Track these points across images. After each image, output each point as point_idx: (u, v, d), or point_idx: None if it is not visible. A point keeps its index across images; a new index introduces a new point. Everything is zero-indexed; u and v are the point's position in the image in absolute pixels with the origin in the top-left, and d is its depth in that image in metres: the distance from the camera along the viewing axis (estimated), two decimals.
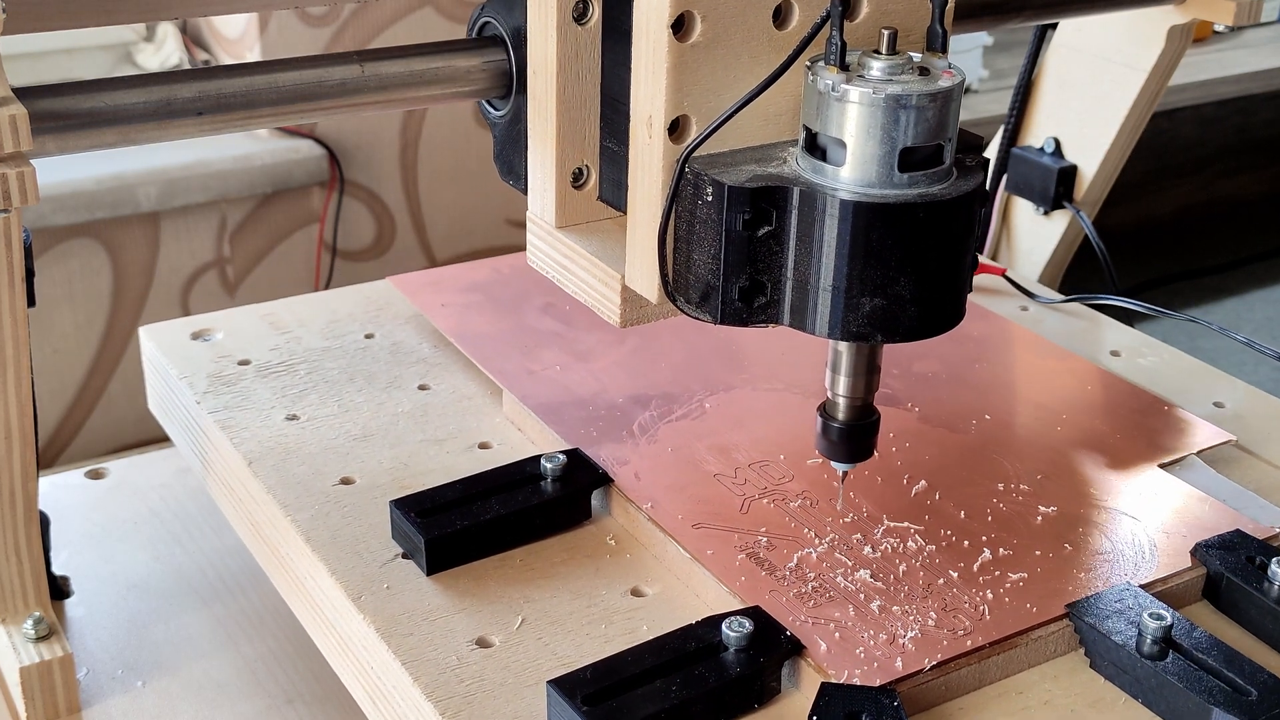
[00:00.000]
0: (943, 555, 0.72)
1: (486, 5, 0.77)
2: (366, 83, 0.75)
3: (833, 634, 0.66)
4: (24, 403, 0.72)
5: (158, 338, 0.94)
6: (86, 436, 1.75)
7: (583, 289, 0.70)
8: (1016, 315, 1.02)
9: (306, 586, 0.75)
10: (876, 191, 0.59)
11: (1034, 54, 1.16)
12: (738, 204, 0.60)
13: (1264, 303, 2.63)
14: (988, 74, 2.34)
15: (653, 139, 0.63)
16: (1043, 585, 0.70)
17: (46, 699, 0.78)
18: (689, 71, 0.61)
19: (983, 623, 0.67)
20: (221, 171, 1.72)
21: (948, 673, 0.65)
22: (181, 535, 0.95)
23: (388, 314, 0.98)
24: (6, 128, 0.64)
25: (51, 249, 1.65)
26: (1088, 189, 1.14)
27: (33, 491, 0.76)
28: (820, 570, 0.70)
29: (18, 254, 0.68)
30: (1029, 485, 0.78)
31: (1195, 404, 0.90)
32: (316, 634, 0.76)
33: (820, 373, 0.69)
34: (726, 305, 0.62)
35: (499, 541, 0.74)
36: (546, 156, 0.70)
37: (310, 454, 0.81)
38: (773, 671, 0.65)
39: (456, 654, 0.67)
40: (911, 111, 0.58)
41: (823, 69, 0.60)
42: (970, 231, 0.62)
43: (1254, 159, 2.88)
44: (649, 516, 0.74)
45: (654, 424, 0.82)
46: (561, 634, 0.68)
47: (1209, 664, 0.64)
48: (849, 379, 0.68)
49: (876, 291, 0.60)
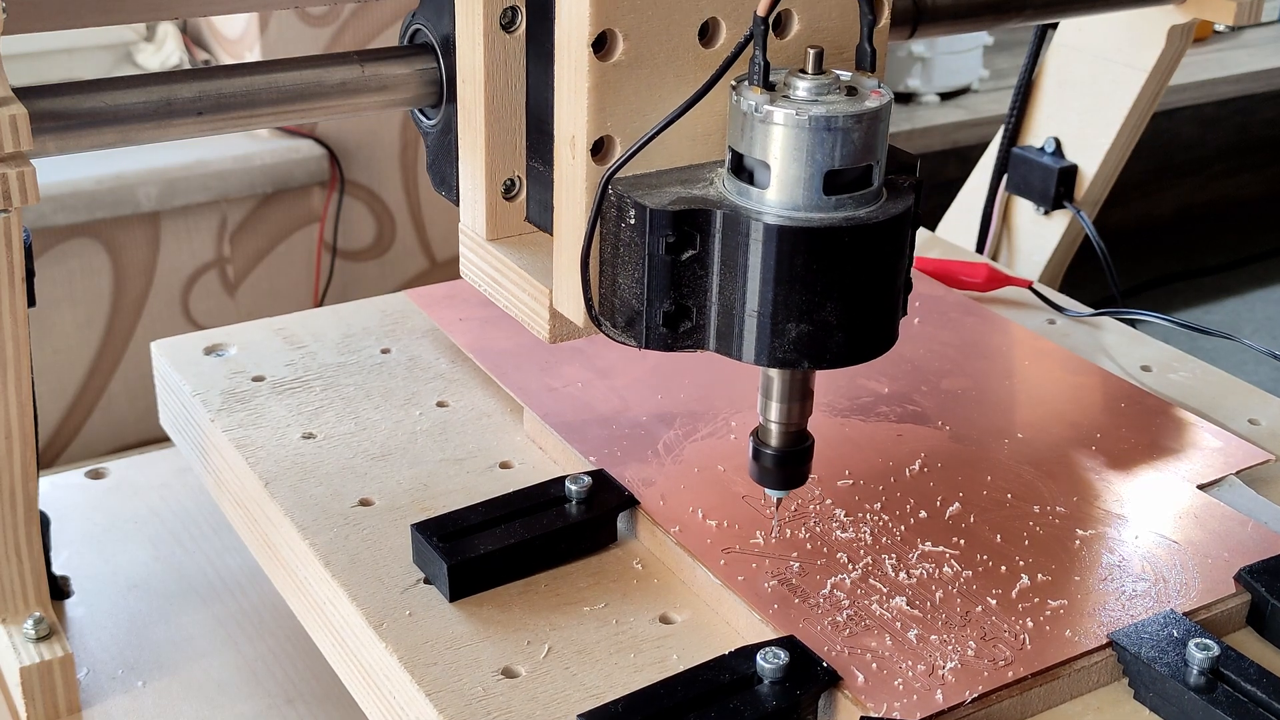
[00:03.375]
0: (979, 581, 0.69)
1: (417, 12, 0.75)
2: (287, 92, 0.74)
3: (870, 665, 0.64)
4: (24, 403, 0.72)
5: (170, 353, 0.91)
6: (87, 436, 1.75)
7: (513, 303, 0.69)
8: (1044, 329, 0.99)
9: (326, 612, 0.73)
10: (801, 215, 0.58)
11: (1034, 54, 1.16)
12: (660, 227, 0.59)
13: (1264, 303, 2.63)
14: (988, 74, 2.34)
15: (576, 160, 0.61)
16: (1083, 612, 0.67)
17: (47, 699, 0.78)
18: (611, 91, 0.60)
19: (1024, 652, 0.65)
20: (221, 171, 1.72)
21: (989, 705, 0.63)
22: (181, 535, 0.95)
23: (404, 328, 0.95)
24: (7, 127, 0.64)
25: (52, 249, 1.65)
26: (1088, 189, 1.14)
27: (33, 491, 0.76)
28: (854, 597, 0.68)
29: (18, 254, 0.68)
30: (1065, 507, 0.75)
31: (1231, 421, 0.88)
32: (336, 660, 0.74)
33: (849, 390, 0.68)
34: (651, 330, 0.61)
35: (523, 566, 0.72)
36: (477, 167, 0.69)
37: (328, 474, 0.80)
38: (810, 705, 0.62)
39: (482, 685, 0.65)
40: (837, 133, 0.57)
41: (747, 89, 0.58)
42: (900, 255, 0.61)
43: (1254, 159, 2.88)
44: (676, 541, 0.72)
45: (679, 443, 0.80)
46: (589, 663, 0.66)
47: (1259, 696, 0.62)
48: (781, 405, 0.66)
49: (802, 317, 0.59)
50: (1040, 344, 0.95)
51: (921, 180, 0.63)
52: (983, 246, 1.20)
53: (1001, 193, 1.20)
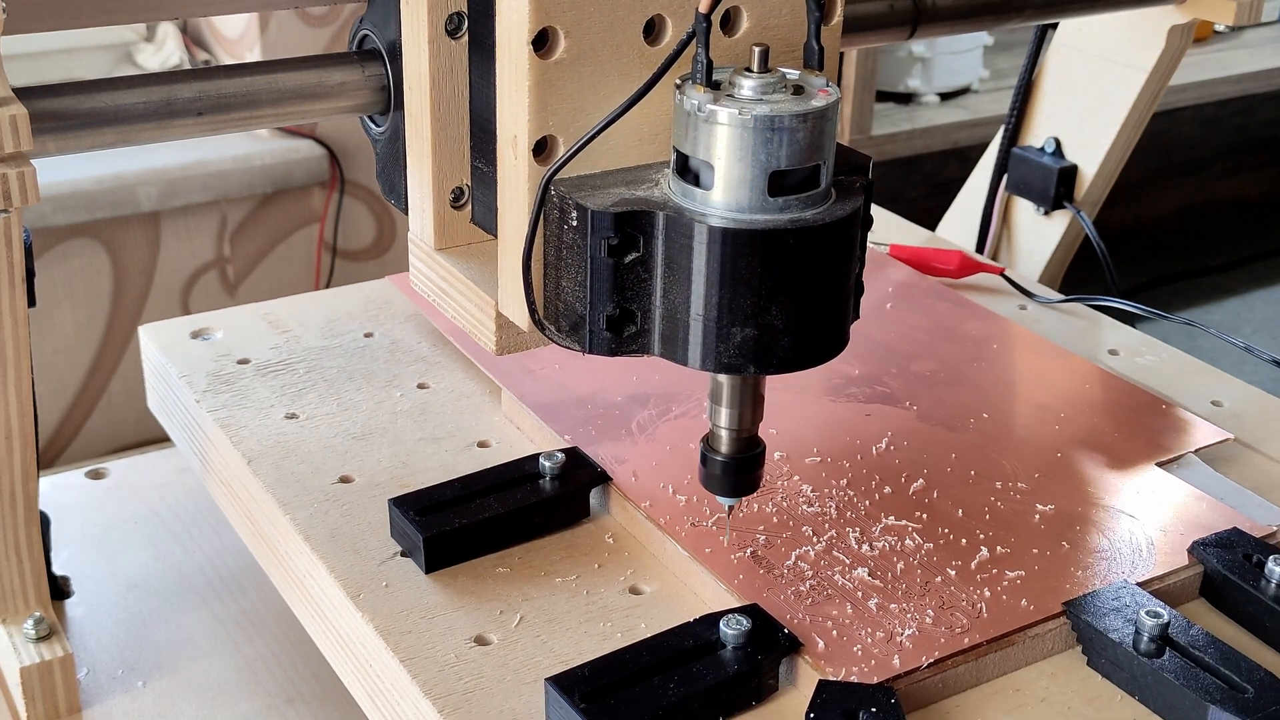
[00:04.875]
0: (940, 553, 0.71)
1: (364, 17, 0.75)
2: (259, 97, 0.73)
3: (830, 631, 0.66)
4: (24, 403, 0.72)
5: (158, 337, 0.93)
6: (87, 436, 1.76)
7: (460, 314, 0.68)
8: (1015, 314, 1.01)
9: (306, 585, 0.75)
10: (745, 217, 0.57)
11: (1034, 54, 1.16)
12: (602, 229, 0.58)
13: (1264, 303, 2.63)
14: (988, 74, 2.34)
15: (518, 160, 0.61)
16: (1040, 583, 0.69)
17: (47, 699, 0.78)
18: (553, 90, 0.59)
19: (980, 620, 0.67)
20: (222, 171, 1.72)
21: (945, 670, 0.64)
22: (181, 535, 0.95)
23: (387, 313, 0.97)
24: (7, 128, 0.64)
25: (52, 249, 1.65)
26: (1088, 189, 1.14)
27: (33, 491, 0.76)
28: (818, 568, 0.70)
29: (18, 254, 0.68)
30: (1027, 484, 0.77)
31: (1193, 402, 0.89)
32: (315, 632, 0.75)
33: (819, 372, 0.68)
34: (595, 335, 0.60)
35: (498, 540, 0.73)
36: (424, 176, 0.68)
37: (309, 452, 0.81)
38: (771, 669, 0.64)
39: (455, 652, 0.66)
40: (782, 133, 0.56)
41: (690, 88, 0.57)
42: (849, 257, 0.59)
43: (1254, 159, 2.88)
44: (647, 515, 0.74)
45: (652, 422, 0.82)
46: (560, 632, 0.68)
47: (1206, 661, 0.63)
48: (730, 410, 0.65)
49: (747, 321, 0.58)
50: (1009, 328, 0.96)
51: (873, 181, 0.62)
52: (983, 246, 1.20)
53: (1001, 193, 1.20)
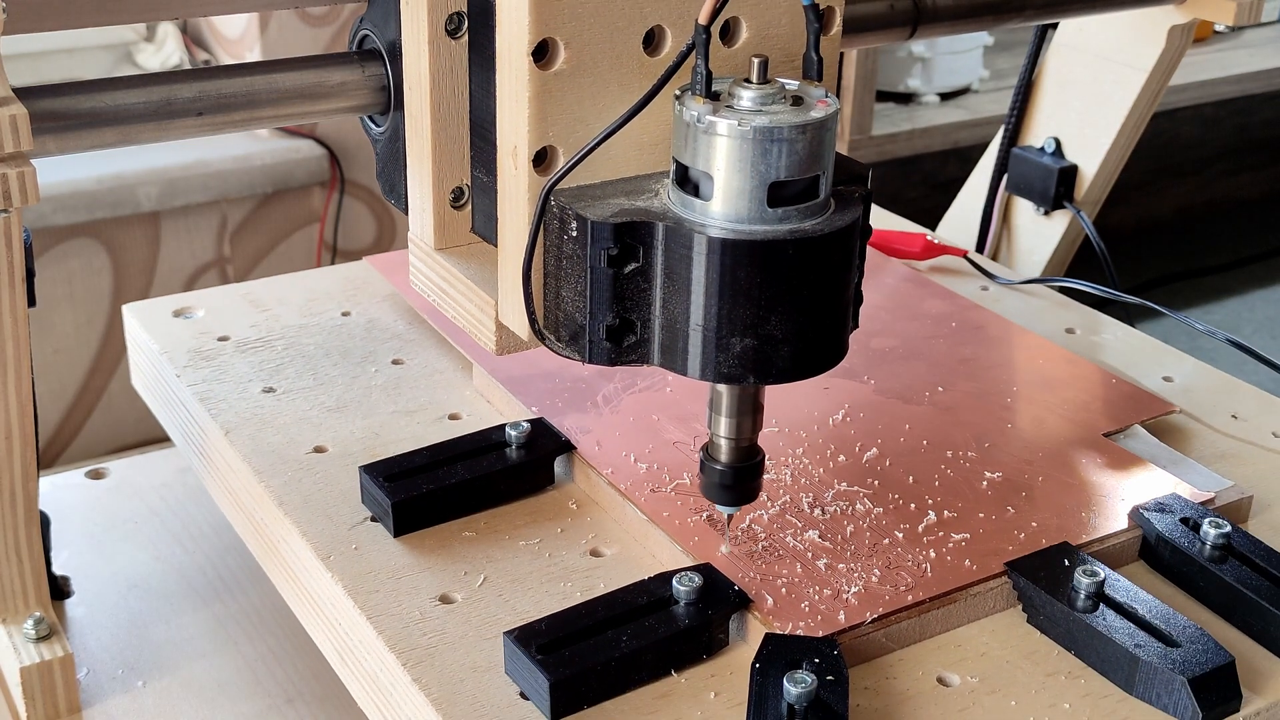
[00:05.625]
0: (889, 517, 0.74)
1: (364, 17, 0.75)
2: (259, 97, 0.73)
3: (779, 589, 0.68)
4: (24, 403, 0.72)
5: (140, 315, 0.96)
6: (87, 436, 1.76)
7: (460, 313, 0.69)
8: (977, 295, 1.03)
9: (280, 550, 0.77)
10: (745, 227, 0.57)
11: (1034, 54, 1.16)
12: (602, 239, 0.58)
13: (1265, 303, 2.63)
14: (988, 74, 2.34)
15: (518, 170, 0.61)
16: (984, 545, 0.72)
17: (47, 699, 0.78)
18: (553, 100, 0.59)
19: (924, 579, 0.69)
20: (222, 171, 1.72)
21: (888, 625, 0.67)
22: (181, 535, 0.95)
23: (365, 293, 0.99)
24: (7, 128, 0.64)
25: (52, 249, 1.65)
26: (1088, 189, 1.14)
27: (33, 491, 0.76)
28: (771, 531, 0.72)
29: (18, 254, 0.68)
30: (976, 453, 0.80)
31: (1145, 377, 0.93)
32: (289, 595, 0.77)
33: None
34: (595, 345, 0.60)
35: (464, 505, 0.75)
36: (424, 176, 0.69)
37: (285, 424, 0.83)
38: (721, 624, 0.66)
39: (420, 609, 0.69)
40: (781, 144, 0.56)
41: (689, 99, 0.57)
42: (848, 267, 0.60)
43: (1254, 159, 2.88)
44: (609, 481, 0.76)
45: (617, 395, 0.84)
46: (521, 591, 0.70)
47: (1139, 616, 0.66)
48: (730, 420, 0.65)
49: (747, 331, 0.58)
50: (968, 307, 0.98)
51: (872, 191, 0.62)
52: (983, 246, 1.20)
53: (1001, 193, 1.20)
